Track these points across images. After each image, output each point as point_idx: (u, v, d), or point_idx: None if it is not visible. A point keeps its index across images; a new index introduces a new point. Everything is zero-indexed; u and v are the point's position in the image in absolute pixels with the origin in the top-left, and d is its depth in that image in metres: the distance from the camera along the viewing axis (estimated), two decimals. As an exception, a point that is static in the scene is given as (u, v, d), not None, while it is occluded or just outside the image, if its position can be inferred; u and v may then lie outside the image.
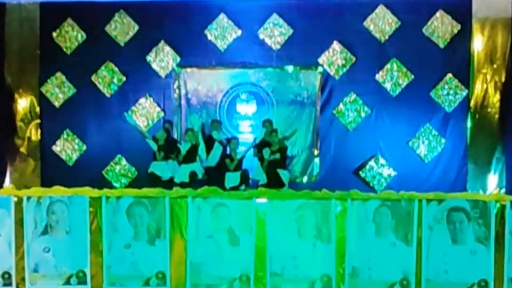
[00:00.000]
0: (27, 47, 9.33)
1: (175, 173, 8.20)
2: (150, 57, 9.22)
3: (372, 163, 9.01)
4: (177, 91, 9.24)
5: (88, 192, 5.97)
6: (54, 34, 9.23)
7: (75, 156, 9.30)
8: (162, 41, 9.19)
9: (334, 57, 9.07)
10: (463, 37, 8.87)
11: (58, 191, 5.97)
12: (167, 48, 9.20)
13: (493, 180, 8.90)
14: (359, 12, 8.98)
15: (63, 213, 5.82)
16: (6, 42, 9.26)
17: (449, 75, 8.90)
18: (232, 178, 8.13)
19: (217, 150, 8.32)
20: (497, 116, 8.93)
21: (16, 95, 9.38)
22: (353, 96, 9.06)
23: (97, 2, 9.12)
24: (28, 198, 5.83)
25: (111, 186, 8.76)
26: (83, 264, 5.81)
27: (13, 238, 5.81)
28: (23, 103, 9.39)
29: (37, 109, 9.38)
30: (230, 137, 8.74)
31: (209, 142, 8.42)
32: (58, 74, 9.27)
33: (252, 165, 8.45)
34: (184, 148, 8.32)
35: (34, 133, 9.42)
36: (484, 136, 8.96)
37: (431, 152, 8.95)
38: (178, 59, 9.22)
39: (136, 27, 9.21)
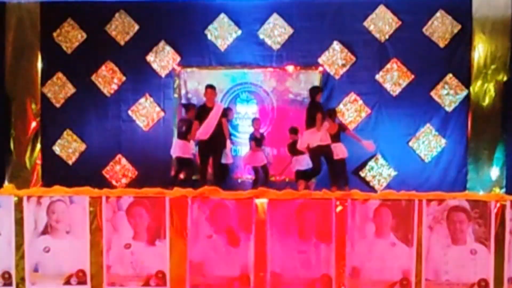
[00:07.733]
0: (27, 46, 9.34)
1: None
2: (150, 57, 9.22)
3: (372, 163, 9.02)
4: (177, 91, 9.24)
5: (88, 192, 5.95)
6: (55, 34, 9.25)
7: (75, 156, 9.31)
8: (162, 41, 9.20)
9: (334, 57, 9.07)
10: (463, 37, 8.89)
11: (58, 191, 5.94)
12: (167, 48, 9.21)
13: (493, 180, 8.91)
14: (359, 12, 8.99)
15: (63, 213, 5.79)
16: (6, 42, 9.26)
17: (449, 75, 8.91)
18: None
19: (216, 110, 7.80)
20: (497, 116, 8.93)
21: (16, 95, 9.38)
22: (353, 96, 9.07)
23: (98, 2, 9.12)
24: (28, 198, 5.81)
25: (111, 186, 8.77)
26: (83, 264, 5.79)
27: (13, 238, 5.76)
28: (23, 103, 9.39)
29: (37, 109, 9.40)
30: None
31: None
32: (58, 74, 9.29)
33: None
34: None
35: (34, 133, 9.42)
36: (484, 136, 8.95)
37: (431, 152, 8.95)
38: (178, 59, 9.22)
39: (136, 27, 9.23)
